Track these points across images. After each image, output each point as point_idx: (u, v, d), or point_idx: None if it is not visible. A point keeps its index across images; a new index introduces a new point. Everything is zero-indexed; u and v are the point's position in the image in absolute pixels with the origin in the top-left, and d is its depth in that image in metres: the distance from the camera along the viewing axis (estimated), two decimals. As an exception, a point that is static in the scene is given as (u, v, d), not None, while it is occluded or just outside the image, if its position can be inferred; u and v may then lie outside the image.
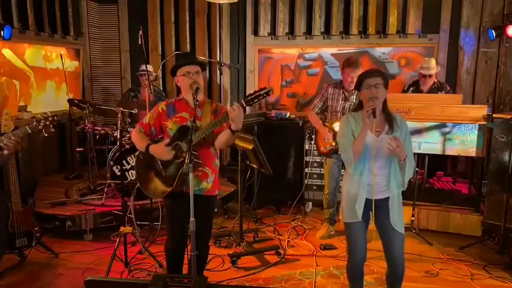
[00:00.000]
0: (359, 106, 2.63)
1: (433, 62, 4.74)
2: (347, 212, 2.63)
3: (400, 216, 2.59)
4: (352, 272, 2.75)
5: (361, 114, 2.55)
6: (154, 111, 2.80)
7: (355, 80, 3.91)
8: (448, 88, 4.79)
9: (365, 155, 2.51)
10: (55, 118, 2.92)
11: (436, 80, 4.77)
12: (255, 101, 2.51)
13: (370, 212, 2.58)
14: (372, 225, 2.65)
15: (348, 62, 3.97)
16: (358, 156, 2.50)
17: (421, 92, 4.75)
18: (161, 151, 2.66)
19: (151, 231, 4.11)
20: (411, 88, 4.85)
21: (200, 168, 2.68)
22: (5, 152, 2.62)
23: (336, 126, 3.92)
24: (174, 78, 2.80)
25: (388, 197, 2.55)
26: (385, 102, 2.54)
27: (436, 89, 4.72)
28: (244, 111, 2.52)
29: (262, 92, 2.49)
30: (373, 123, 2.43)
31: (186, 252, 2.78)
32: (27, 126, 2.79)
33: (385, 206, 2.55)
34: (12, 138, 2.62)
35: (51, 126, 2.88)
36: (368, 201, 2.55)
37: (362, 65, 4.00)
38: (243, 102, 2.49)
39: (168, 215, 2.87)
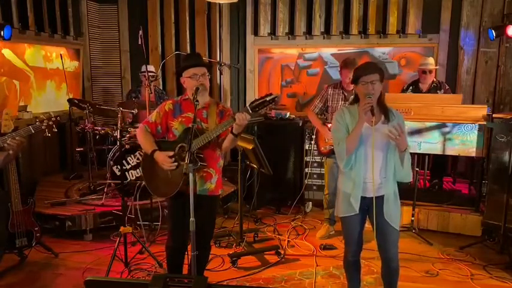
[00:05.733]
0: (355, 100, 2.63)
1: (431, 59, 4.80)
2: (342, 205, 2.63)
3: (396, 213, 2.59)
4: (348, 264, 2.77)
5: (357, 108, 2.55)
6: (161, 110, 2.78)
7: (353, 80, 3.96)
8: (447, 87, 4.79)
9: (358, 148, 2.50)
10: (58, 119, 2.93)
11: (435, 79, 4.78)
12: (261, 107, 2.49)
13: (366, 208, 2.58)
14: (369, 225, 2.65)
15: (345, 63, 3.98)
16: (351, 150, 2.50)
17: (420, 91, 4.76)
18: (164, 161, 2.64)
19: (151, 231, 4.11)
20: (410, 87, 4.86)
21: (205, 169, 2.68)
22: (10, 152, 2.63)
23: None
24: (179, 78, 2.79)
25: (383, 195, 2.54)
26: (380, 95, 2.55)
27: (435, 88, 4.72)
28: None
29: (267, 99, 2.46)
30: (372, 120, 2.42)
31: (187, 252, 2.78)
32: (30, 127, 2.79)
33: (380, 203, 2.54)
34: (17, 138, 2.63)
35: (53, 126, 2.89)
36: (363, 199, 2.54)
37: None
38: (249, 108, 2.47)
39: (170, 214, 2.87)
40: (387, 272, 2.68)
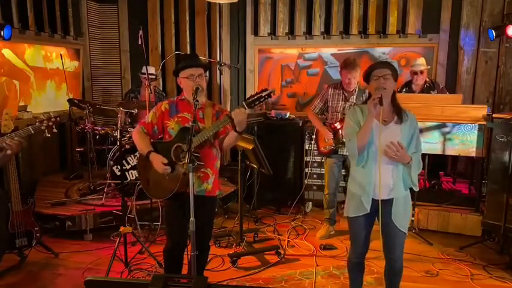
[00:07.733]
0: (368, 99, 2.58)
1: (422, 59, 4.77)
2: (352, 205, 2.59)
3: (405, 216, 2.57)
4: (353, 266, 2.76)
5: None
6: (157, 110, 2.78)
7: (352, 81, 3.95)
8: (441, 87, 4.77)
9: (370, 145, 2.47)
10: (57, 119, 2.93)
11: (427, 79, 4.76)
12: (257, 103, 2.50)
13: (375, 210, 2.54)
14: (375, 226, 2.63)
15: (345, 64, 3.97)
16: (363, 146, 2.46)
17: (413, 92, 4.73)
18: (159, 165, 2.62)
19: (151, 231, 4.11)
20: (404, 89, 4.83)
21: (202, 170, 2.68)
22: (8, 151, 2.62)
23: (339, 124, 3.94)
24: (176, 79, 2.79)
25: (393, 198, 2.52)
26: (393, 94, 2.52)
27: (428, 88, 4.70)
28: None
29: (263, 94, 2.47)
30: (380, 112, 2.38)
31: (186, 252, 2.77)
32: (30, 127, 2.78)
33: (389, 206, 2.52)
34: (15, 138, 2.62)
35: (53, 126, 2.88)
36: (373, 201, 2.51)
37: (359, 65, 3.99)
38: (245, 104, 2.48)
39: (168, 215, 2.86)
40: (390, 272, 2.68)
